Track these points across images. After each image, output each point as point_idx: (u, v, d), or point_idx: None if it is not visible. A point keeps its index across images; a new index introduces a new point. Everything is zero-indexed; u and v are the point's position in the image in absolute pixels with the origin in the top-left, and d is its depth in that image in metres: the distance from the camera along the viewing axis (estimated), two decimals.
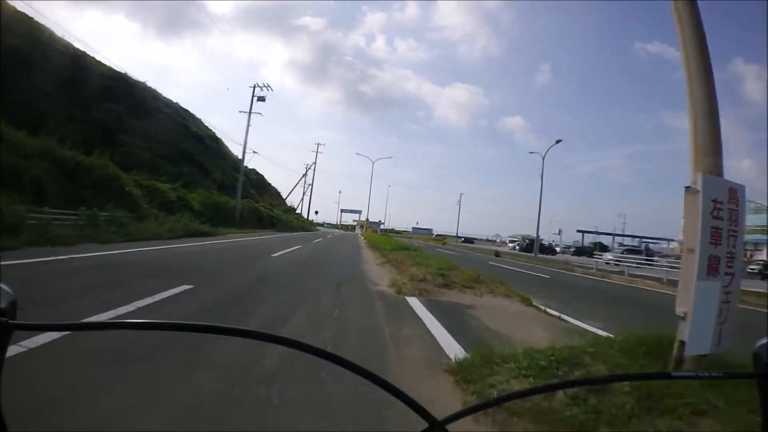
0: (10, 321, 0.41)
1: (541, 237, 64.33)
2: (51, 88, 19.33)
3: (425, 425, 0.45)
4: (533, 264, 21.21)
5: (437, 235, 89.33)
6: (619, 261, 21.53)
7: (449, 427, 0.45)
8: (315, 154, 62.22)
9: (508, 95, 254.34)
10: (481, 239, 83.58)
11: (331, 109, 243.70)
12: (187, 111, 33.39)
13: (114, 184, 14.78)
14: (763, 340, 0.48)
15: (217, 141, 34.71)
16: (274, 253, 12.15)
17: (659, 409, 2.11)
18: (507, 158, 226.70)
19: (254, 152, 30.14)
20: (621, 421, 2.06)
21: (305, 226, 47.79)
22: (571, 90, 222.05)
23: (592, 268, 19.35)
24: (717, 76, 3.16)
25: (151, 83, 33.24)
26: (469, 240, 73.14)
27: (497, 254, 25.30)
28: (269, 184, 53.66)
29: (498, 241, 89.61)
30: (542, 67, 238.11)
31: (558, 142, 28.33)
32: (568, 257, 33.09)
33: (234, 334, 0.44)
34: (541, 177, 27.95)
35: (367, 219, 64.87)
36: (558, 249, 48.51)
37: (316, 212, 72.03)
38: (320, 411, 2.22)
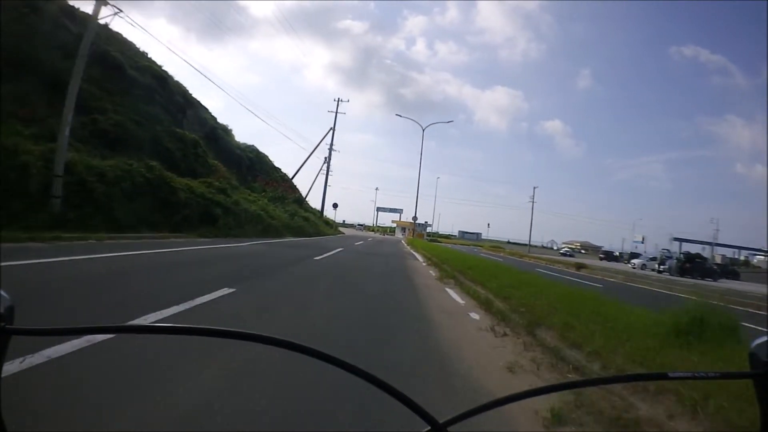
0: (8, 326, 0.39)
1: (667, 249, 41.69)
2: None
3: (427, 427, 0.44)
4: None
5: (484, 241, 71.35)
6: None
7: (450, 429, 0.44)
8: (334, 115, 42.67)
9: (548, 99, 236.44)
10: (532, 246, 63.60)
11: (371, 111, 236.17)
12: (119, 35, 21.61)
13: None
14: (761, 339, 0.46)
15: (164, 80, 22.58)
16: None
17: None
18: (547, 162, 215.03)
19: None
20: None
21: (306, 226, 28.27)
22: (609, 94, 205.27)
23: None
24: None
25: None
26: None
27: None
28: (276, 168, 38.68)
29: (555, 248, 70.82)
30: (582, 72, 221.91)
31: None
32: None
33: (235, 338, 0.43)
34: None
35: (415, 218, 41.55)
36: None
37: (335, 205, 50.31)
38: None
